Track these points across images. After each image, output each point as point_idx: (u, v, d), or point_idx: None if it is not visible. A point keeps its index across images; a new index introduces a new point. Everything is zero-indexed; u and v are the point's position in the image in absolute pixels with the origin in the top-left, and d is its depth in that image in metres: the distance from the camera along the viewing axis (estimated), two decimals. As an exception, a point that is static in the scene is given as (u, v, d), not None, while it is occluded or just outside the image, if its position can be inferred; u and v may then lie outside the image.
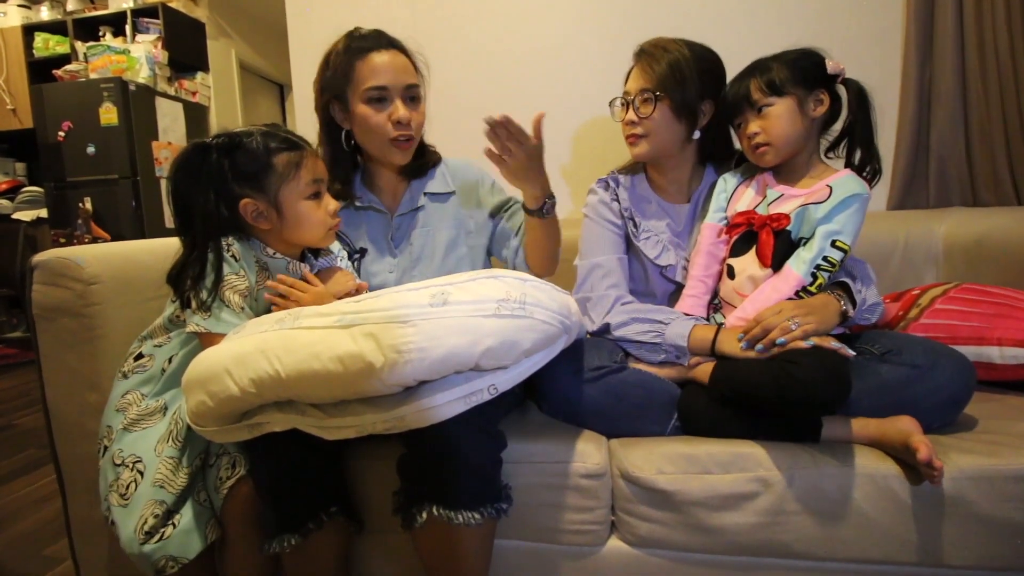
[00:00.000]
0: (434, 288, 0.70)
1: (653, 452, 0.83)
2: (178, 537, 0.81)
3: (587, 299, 1.04)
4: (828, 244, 0.85)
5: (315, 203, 0.85)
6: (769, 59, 0.93)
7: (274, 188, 0.82)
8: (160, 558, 0.80)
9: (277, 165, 0.82)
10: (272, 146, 0.82)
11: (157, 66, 3.25)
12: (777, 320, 0.81)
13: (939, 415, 0.81)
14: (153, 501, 0.81)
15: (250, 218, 0.83)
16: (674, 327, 0.92)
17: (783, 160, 0.93)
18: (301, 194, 0.83)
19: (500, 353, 0.68)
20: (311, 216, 0.84)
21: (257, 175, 0.81)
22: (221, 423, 0.76)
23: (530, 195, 0.95)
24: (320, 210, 0.86)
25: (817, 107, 0.90)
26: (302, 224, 0.84)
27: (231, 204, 0.82)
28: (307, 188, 0.84)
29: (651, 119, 0.99)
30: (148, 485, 0.81)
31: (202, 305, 0.79)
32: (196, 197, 0.81)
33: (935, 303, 1.04)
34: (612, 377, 0.88)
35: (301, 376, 0.69)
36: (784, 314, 0.82)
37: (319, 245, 0.91)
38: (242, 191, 0.81)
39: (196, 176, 0.81)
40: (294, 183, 0.83)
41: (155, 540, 0.80)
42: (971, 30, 1.37)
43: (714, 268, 0.99)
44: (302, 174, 0.83)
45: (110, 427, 0.88)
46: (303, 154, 0.84)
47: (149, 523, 0.80)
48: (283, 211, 0.83)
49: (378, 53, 0.98)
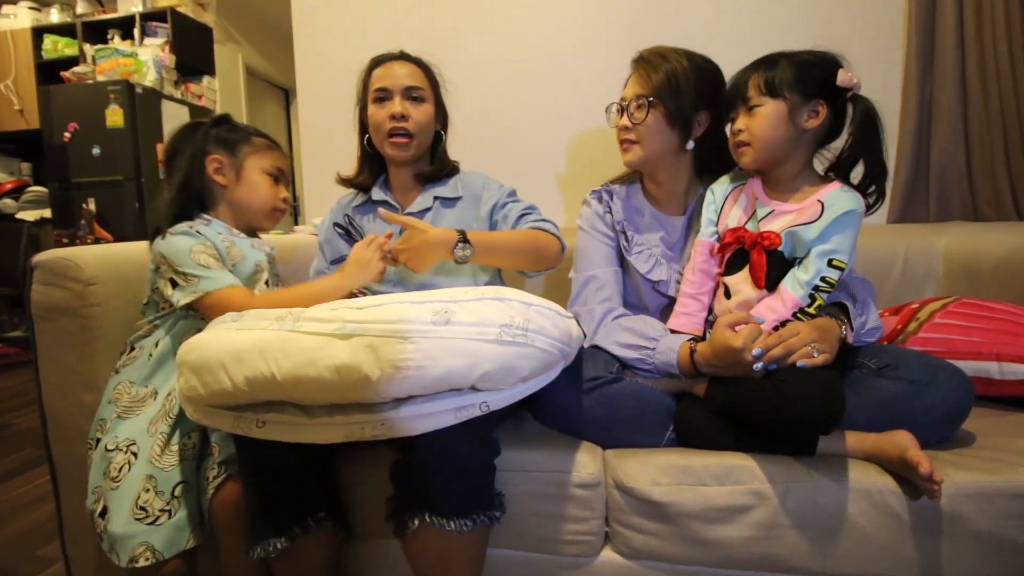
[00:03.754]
0: (438, 304, 0.70)
1: (648, 463, 0.82)
2: (167, 530, 0.83)
3: (580, 312, 1.04)
4: (825, 264, 0.83)
5: (271, 180, 1.01)
6: (782, 56, 0.88)
7: (243, 154, 0.99)
8: (139, 545, 0.81)
9: (254, 141, 1.01)
10: (255, 131, 1.02)
11: (164, 69, 3.28)
12: (798, 343, 0.78)
13: (936, 430, 0.81)
14: (145, 476, 0.84)
15: (210, 170, 0.97)
16: (663, 347, 0.90)
17: (763, 166, 0.90)
18: (262, 168, 1.00)
19: (497, 378, 0.68)
20: (263, 187, 1.00)
21: (234, 142, 0.99)
22: (208, 409, 0.77)
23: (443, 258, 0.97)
24: (272, 188, 1.01)
25: (810, 118, 0.86)
26: (253, 190, 1.00)
27: (201, 164, 0.97)
28: (269, 166, 1.01)
29: (644, 125, 0.99)
30: (142, 463, 0.86)
31: (183, 276, 0.89)
32: (180, 160, 0.97)
33: (934, 317, 1.04)
34: (607, 388, 0.87)
35: (297, 381, 0.69)
36: (802, 337, 0.78)
37: (261, 224, 1.04)
38: (215, 150, 0.98)
39: (186, 137, 0.98)
40: (260, 157, 1.00)
41: (147, 521, 0.82)
42: (972, 44, 1.37)
43: (708, 285, 0.97)
44: (270, 156, 1.01)
45: (103, 420, 0.91)
46: (277, 148, 1.03)
47: (143, 498, 0.83)
48: (241, 174, 0.99)
49: (388, 63, 1.10)
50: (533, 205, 1.12)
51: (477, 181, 1.15)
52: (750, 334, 0.78)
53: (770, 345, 0.78)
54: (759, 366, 0.77)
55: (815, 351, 0.77)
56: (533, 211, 1.10)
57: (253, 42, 4.09)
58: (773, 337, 0.79)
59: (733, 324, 0.81)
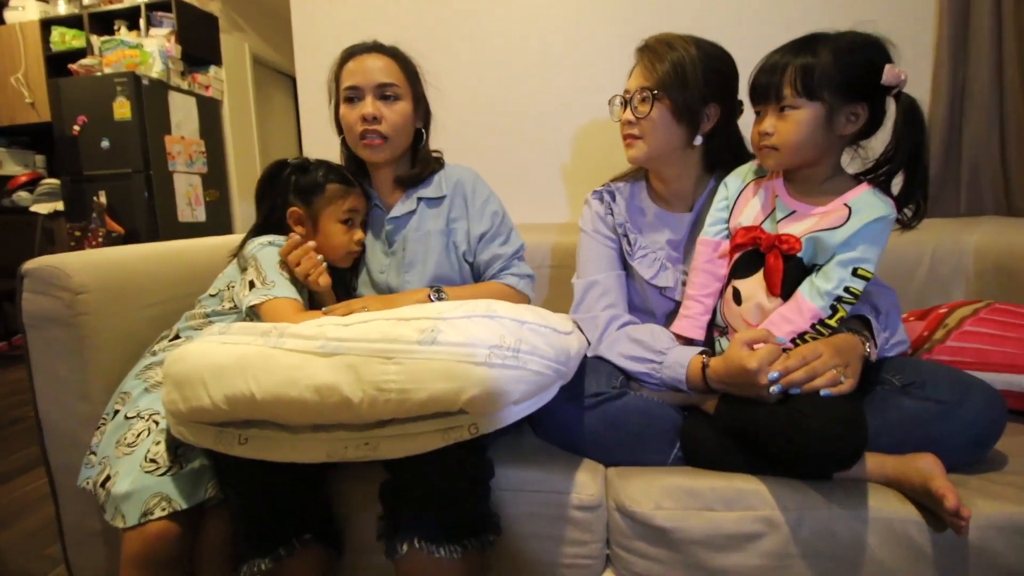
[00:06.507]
0: (425, 322, 0.67)
1: (652, 484, 0.78)
2: (181, 479, 0.80)
3: (583, 320, 0.98)
4: (849, 273, 0.76)
5: (344, 228, 1.03)
6: (821, 41, 0.76)
7: (318, 205, 1.01)
8: (152, 496, 0.77)
9: (327, 190, 1.01)
10: (329, 176, 1.02)
11: (170, 60, 3.25)
12: (822, 367, 0.71)
13: (965, 453, 0.75)
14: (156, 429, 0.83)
15: (292, 221, 1.01)
16: (671, 361, 0.84)
17: (788, 168, 0.84)
18: (336, 217, 1.02)
19: (486, 402, 0.64)
20: (338, 235, 1.02)
21: (310, 192, 1.01)
22: (190, 424, 0.74)
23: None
24: (346, 235, 1.03)
25: (848, 124, 0.77)
26: (329, 239, 1.01)
27: (283, 213, 1.01)
28: (343, 214, 1.02)
29: (648, 119, 0.91)
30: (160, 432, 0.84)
31: (263, 281, 0.92)
32: (267, 198, 1.03)
33: (964, 324, 0.97)
34: (610, 405, 0.83)
35: (276, 400, 0.67)
36: (825, 360, 0.71)
37: (338, 263, 1.05)
38: (295, 201, 1.01)
39: (272, 182, 1.03)
40: (334, 207, 1.01)
41: (158, 472, 0.79)
42: (1010, 25, 1.27)
43: (713, 287, 0.91)
44: (342, 203, 1.02)
45: (127, 393, 0.91)
46: (349, 190, 1.03)
47: (152, 451, 0.81)
48: (318, 224, 1.01)
49: (358, 57, 1.01)
50: (520, 247, 1.08)
51: (466, 178, 1.09)
52: (767, 355, 0.72)
53: (790, 368, 0.71)
54: (775, 390, 0.71)
55: (842, 376, 0.70)
56: (513, 263, 1.07)
57: (260, 30, 4.03)
58: (794, 358, 0.72)
59: (751, 342, 0.75)
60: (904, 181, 0.79)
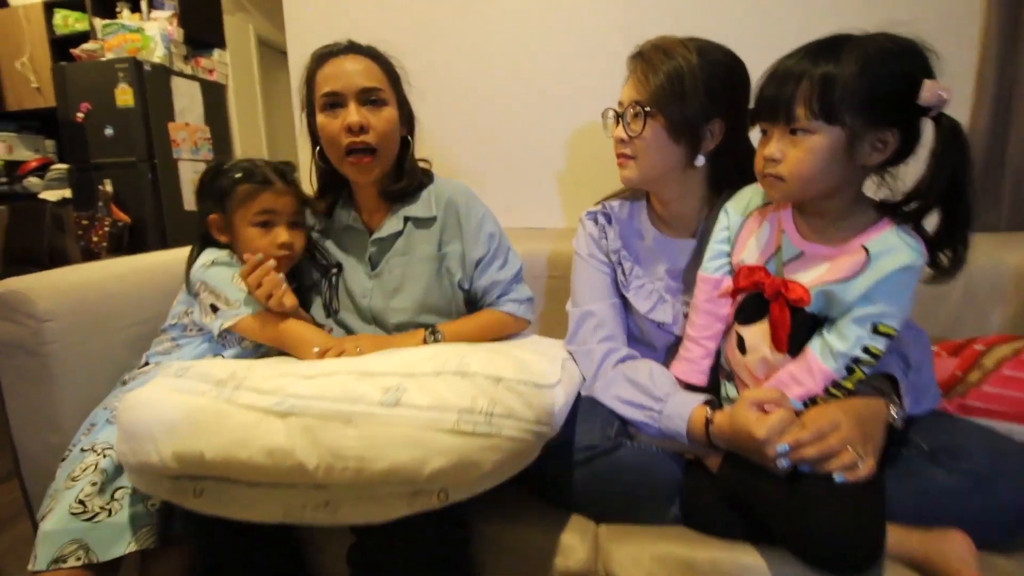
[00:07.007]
0: (391, 378, 0.62)
1: (646, 551, 0.71)
2: (105, 528, 0.75)
3: (577, 352, 0.91)
4: (868, 331, 0.66)
5: (261, 231, 0.95)
6: (846, 47, 0.62)
7: (230, 210, 0.95)
8: (70, 543, 0.73)
9: (237, 192, 0.94)
10: (238, 177, 0.95)
11: (172, 44, 3.18)
12: (838, 444, 0.62)
13: (999, 532, 0.66)
14: (95, 469, 0.79)
15: (213, 229, 0.97)
16: (670, 411, 0.76)
17: (797, 202, 0.72)
18: (248, 221, 0.94)
19: (453, 475, 0.58)
20: (254, 239, 0.94)
21: (223, 196, 0.95)
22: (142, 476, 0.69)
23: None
24: (264, 239, 0.94)
25: (873, 154, 0.64)
26: (246, 245, 0.95)
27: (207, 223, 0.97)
28: (255, 217, 0.94)
29: (641, 138, 0.81)
30: (97, 471, 0.80)
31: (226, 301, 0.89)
32: (200, 207, 1.00)
33: (1003, 367, 0.87)
34: (603, 460, 0.75)
35: (227, 462, 0.62)
36: (843, 435, 0.62)
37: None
38: (214, 207, 0.96)
39: (201, 188, 0.99)
40: (244, 210, 0.94)
41: (83, 517, 0.75)
42: (1071, 17, 1.14)
43: (715, 328, 0.81)
44: (253, 204, 0.94)
45: (93, 424, 0.89)
46: (261, 189, 0.94)
47: (85, 491, 0.77)
48: (234, 231, 0.96)
49: (335, 59, 0.91)
50: (519, 270, 1.01)
51: (458, 197, 0.99)
52: (778, 423, 0.63)
53: (802, 441, 0.62)
54: (784, 464, 0.63)
55: (860, 460, 0.61)
56: (512, 288, 0.99)
57: (264, 11, 3.92)
58: (808, 431, 0.63)
59: (761, 403, 0.67)
60: (940, 220, 0.66)
